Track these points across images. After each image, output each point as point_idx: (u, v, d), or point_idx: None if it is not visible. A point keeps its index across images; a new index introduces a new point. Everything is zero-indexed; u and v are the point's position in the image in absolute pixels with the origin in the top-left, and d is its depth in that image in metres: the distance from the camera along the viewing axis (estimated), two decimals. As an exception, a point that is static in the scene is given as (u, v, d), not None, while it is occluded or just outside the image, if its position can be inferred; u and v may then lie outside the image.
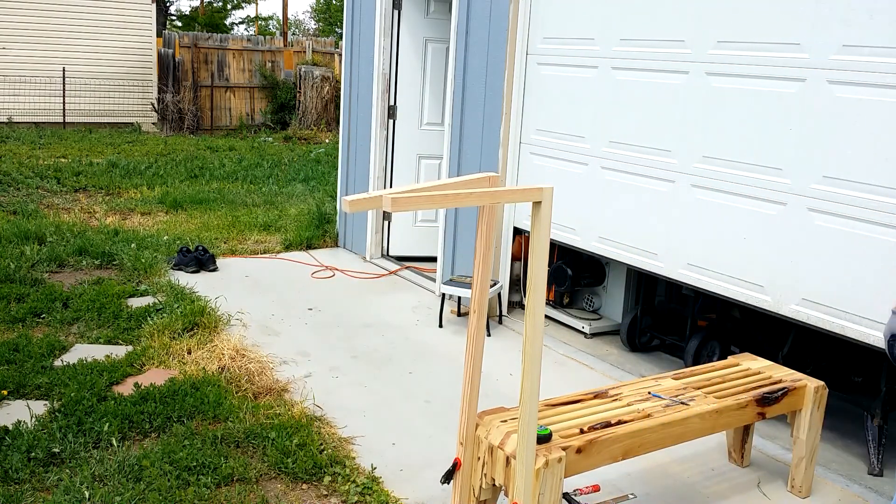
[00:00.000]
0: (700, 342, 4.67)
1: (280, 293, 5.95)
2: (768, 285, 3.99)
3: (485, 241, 2.63)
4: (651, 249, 4.59)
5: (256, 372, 4.33)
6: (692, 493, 3.46)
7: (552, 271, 5.55)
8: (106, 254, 6.44)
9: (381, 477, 3.43)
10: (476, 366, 2.75)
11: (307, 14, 52.10)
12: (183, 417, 3.77)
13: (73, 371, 4.18)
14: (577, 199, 5.06)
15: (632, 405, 3.06)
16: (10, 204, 8.30)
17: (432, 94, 6.82)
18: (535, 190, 2.32)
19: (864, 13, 3.51)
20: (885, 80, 3.44)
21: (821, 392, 3.40)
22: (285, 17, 22.35)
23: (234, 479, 3.31)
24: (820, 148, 3.71)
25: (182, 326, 4.89)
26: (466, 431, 2.81)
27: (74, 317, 5.07)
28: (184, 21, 29.18)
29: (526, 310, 2.42)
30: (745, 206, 4.07)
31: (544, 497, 2.60)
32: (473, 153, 5.72)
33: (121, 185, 9.85)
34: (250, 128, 17.22)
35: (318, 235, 7.54)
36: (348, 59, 7.25)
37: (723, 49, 4.12)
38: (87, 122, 16.30)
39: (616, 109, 4.75)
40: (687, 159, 4.34)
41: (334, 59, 18.72)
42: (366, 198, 2.13)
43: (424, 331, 5.37)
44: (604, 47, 4.80)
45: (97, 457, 3.37)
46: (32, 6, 15.96)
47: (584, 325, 5.43)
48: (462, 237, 5.95)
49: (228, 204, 9.08)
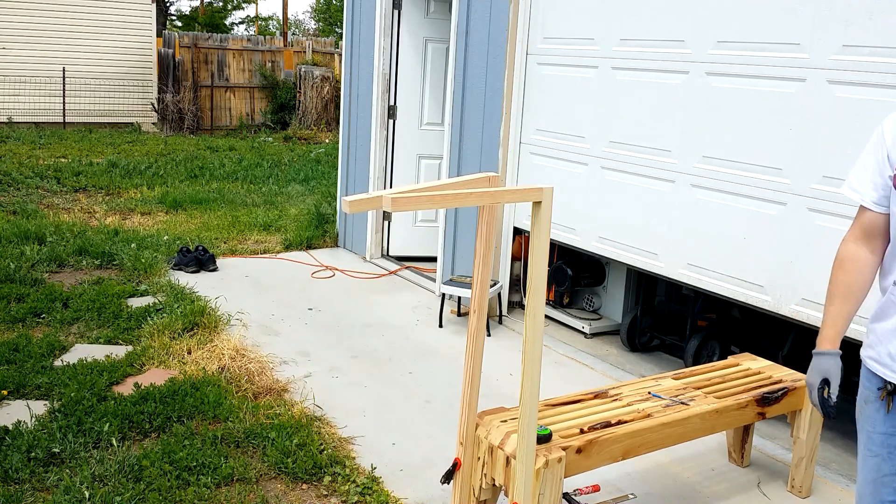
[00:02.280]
0: (700, 342, 4.67)
1: (280, 293, 5.95)
2: (768, 285, 3.99)
3: (485, 241, 2.63)
4: (651, 249, 4.59)
5: (256, 372, 4.33)
6: (692, 493, 3.46)
7: (552, 271, 5.55)
8: (106, 254, 6.44)
9: (381, 477, 3.43)
10: (476, 366, 2.75)
11: (307, 14, 52.12)
12: (183, 417, 3.77)
13: (73, 371, 4.18)
14: (577, 199, 5.06)
15: (632, 405, 3.06)
16: (10, 204, 8.30)
17: (432, 94, 6.82)
18: (535, 190, 2.32)
19: (864, 13, 3.51)
20: (885, 80, 3.44)
21: (821, 392, 3.39)
22: (285, 17, 22.35)
23: (234, 479, 3.31)
24: (820, 148, 3.71)
25: (182, 326, 4.89)
26: (466, 431, 2.81)
27: (74, 317, 5.07)
28: (184, 21, 29.17)
29: (526, 310, 2.42)
30: (744, 206, 4.07)
31: (544, 497, 2.60)
32: (473, 153, 5.72)
33: (121, 185, 9.85)
34: (250, 128, 17.22)
35: (318, 235, 7.54)
36: (348, 59, 7.25)
37: (723, 49, 4.12)
38: (87, 122, 16.30)
39: (616, 109, 4.75)
40: (687, 159, 4.34)
41: (334, 59, 18.72)
42: (366, 198, 2.13)
43: (424, 331, 5.37)
44: (604, 47, 4.80)
45: (97, 457, 3.37)
46: (32, 6, 15.96)
47: (584, 325, 5.43)
48: (462, 237, 5.94)
49: (228, 204, 9.08)
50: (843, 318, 2.15)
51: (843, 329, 2.15)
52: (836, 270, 2.18)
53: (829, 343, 2.15)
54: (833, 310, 2.17)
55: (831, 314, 2.16)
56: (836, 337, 2.15)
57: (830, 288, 2.18)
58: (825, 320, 2.17)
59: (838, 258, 2.18)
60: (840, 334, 2.15)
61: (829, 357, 2.14)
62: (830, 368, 2.13)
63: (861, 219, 2.15)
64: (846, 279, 2.15)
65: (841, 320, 2.15)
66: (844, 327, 2.16)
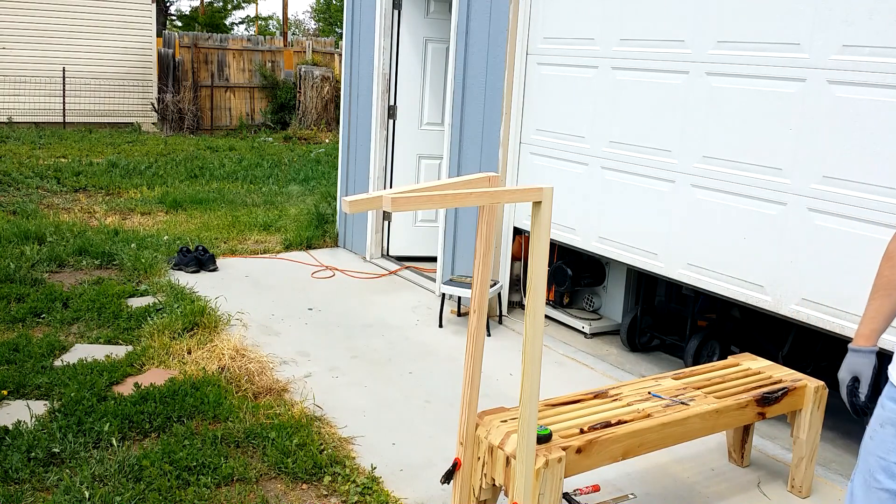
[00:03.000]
0: (700, 342, 4.67)
1: (280, 293, 5.95)
2: (768, 285, 3.99)
3: (485, 241, 2.63)
4: (651, 249, 4.59)
5: (256, 372, 4.33)
6: (692, 493, 3.46)
7: (552, 271, 5.55)
8: (106, 254, 6.44)
9: (381, 477, 3.43)
10: (476, 366, 2.75)
11: (307, 14, 52.10)
12: (183, 417, 3.77)
13: (73, 371, 4.18)
14: (577, 199, 5.06)
15: (632, 405, 3.06)
16: (10, 204, 8.29)
17: (432, 94, 6.82)
18: (535, 190, 2.32)
19: (864, 13, 3.51)
20: (885, 80, 3.44)
21: (821, 392, 3.40)
22: (285, 17, 22.35)
23: (234, 479, 3.31)
24: (820, 148, 3.71)
25: (182, 326, 4.89)
26: (466, 431, 2.81)
27: (74, 317, 5.07)
28: (184, 21, 29.17)
29: (526, 310, 2.42)
30: (745, 206, 4.07)
31: (544, 497, 2.60)
32: (473, 153, 5.72)
33: (121, 185, 9.85)
34: (250, 128, 17.22)
35: (318, 235, 7.54)
36: (348, 59, 7.25)
37: (723, 49, 4.12)
38: (87, 122, 16.30)
39: (616, 109, 4.75)
40: (687, 159, 4.34)
41: (334, 59, 18.72)
42: (366, 198, 2.13)
43: (424, 331, 5.37)
44: (604, 47, 4.80)
45: (97, 457, 3.37)
46: (32, 6, 15.96)
47: (584, 325, 5.43)
48: (462, 237, 5.94)
49: (228, 204, 9.08)
50: (882, 316, 2.02)
51: (882, 327, 2.04)
52: (884, 264, 2.05)
53: (864, 340, 2.05)
54: (874, 305, 2.04)
55: (871, 309, 2.04)
56: (873, 334, 2.04)
57: (876, 281, 2.06)
58: (865, 316, 2.06)
59: (887, 252, 2.05)
60: (878, 332, 2.04)
61: (863, 354, 2.04)
62: (863, 366, 2.04)
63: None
64: (891, 274, 2.02)
65: (881, 317, 2.03)
66: (884, 325, 2.04)
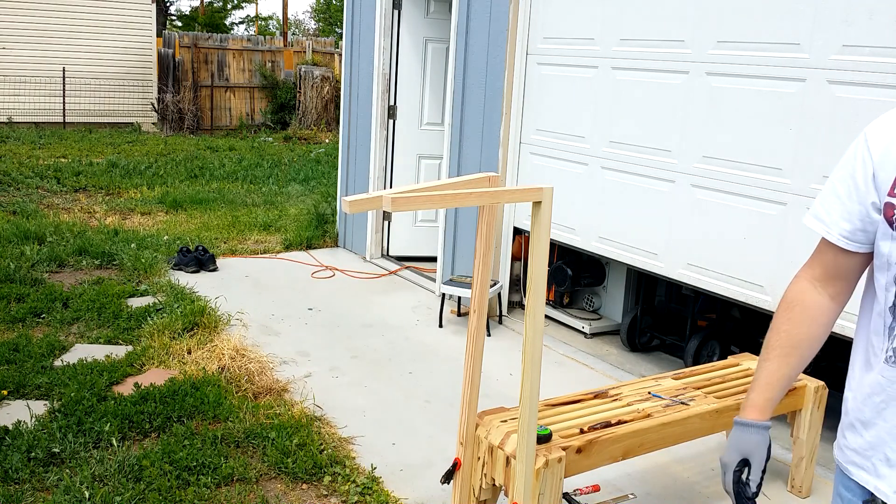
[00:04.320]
0: (700, 342, 4.67)
1: (280, 293, 5.95)
2: (768, 285, 3.99)
3: (485, 241, 2.63)
4: (651, 249, 4.59)
5: (256, 372, 4.33)
6: (692, 493, 3.46)
7: (552, 271, 5.55)
8: (106, 254, 6.44)
9: (381, 477, 3.43)
10: (476, 366, 2.75)
11: (307, 14, 52.11)
12: (183, 417, 3.77)
13: (73, 371, 4.18)
14: (577, 199, 5.06)
15: (632, 405, 3.06)
16: (10, 204, 8.29)
17: (432, 94, 6.82)
18: (535, 190, 2.32)
19: (864, 13, 3.51)
20: (885, 80, 3.44)
21: (821, 392, 3.40)
22: (285, 17, 22.35)
23: (234, 479, 3.31)
24: (820, 148, 3.71)
25: (182, 326, 4.89)
26: (466, 431, 2.81)
27: (74, 317, 5.07)
28: (184, 21, 29.17)
29: (526, 310, 2.42)
30: (745, 206, 4.07)
31: (544, 497, 2.60)
32: (473, 153, 5.72)
33: (121, 185, 9.85)
34: (250, 128, 17.22)
35: (318, 235, 7.54)
36: (348, 59, 7.25)
37: (723, 49, 4.12)
38: (87, 122, 16.30)
39: (616, 109, 4.75)
40: (687, 159, 4.34)
41: (334, 59, 18.72)
42: (366, 198, 2.13)
43: (424, 331, 5.37)
44: (604, 47, 4.80)
45: (97, 457, 3.37)
46: (32, 6, 15.96)
47: (584, 325, 5.43)
48: (462, 237, 5.94)
49: (228, 204, 9.08)
50: (778, 381, 1.62)
51: (777, 395, 1.63)
52: (781, 315, 1.64)
53: (757, 412, 1.62)
54: (769, 368, 1.62)
55: (765, 374, 1.62)
56: (768, 405, 1.62)
57: (770, 337, 1.64)
58: (757, 381, 1.64)
59: (785, 299, 1.65)
60: (773, 402, 1.63)
61: (756, 430, 1.61)
62: (755, 446, 1.60)
63: (823, 255, 1.61)
64: (792, 330, 1.62)
65: (777, 383, 1.62)
66: (780, 393, 1.63)
